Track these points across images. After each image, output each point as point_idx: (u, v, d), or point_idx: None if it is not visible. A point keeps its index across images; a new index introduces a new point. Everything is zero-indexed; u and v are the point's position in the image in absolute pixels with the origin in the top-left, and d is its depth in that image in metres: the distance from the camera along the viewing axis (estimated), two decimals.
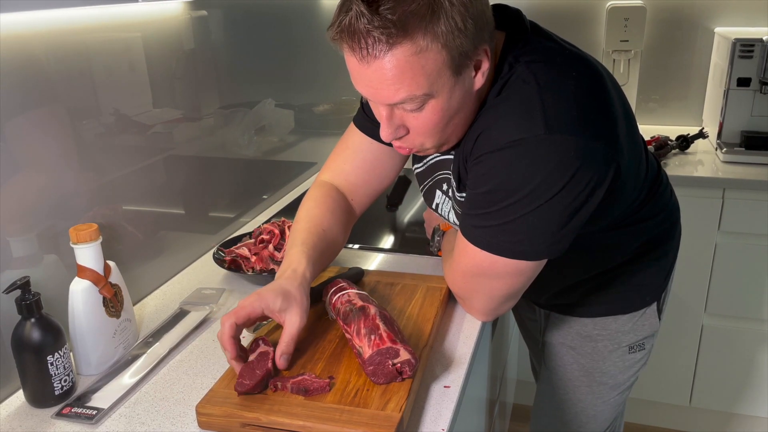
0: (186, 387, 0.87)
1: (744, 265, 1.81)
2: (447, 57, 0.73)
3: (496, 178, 0.80)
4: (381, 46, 0.71)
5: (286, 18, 1.62)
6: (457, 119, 0.82)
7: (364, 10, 0.70)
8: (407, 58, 0.72)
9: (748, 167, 1.80)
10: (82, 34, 0.97)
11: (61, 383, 0.82)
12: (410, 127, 0.82)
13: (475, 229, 0.85)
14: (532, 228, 0.81)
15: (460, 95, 0.79)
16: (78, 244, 0.86)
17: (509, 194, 0.79)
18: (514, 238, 0.82)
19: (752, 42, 1.80)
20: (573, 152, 0.77)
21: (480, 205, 0.83)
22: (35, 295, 0.79)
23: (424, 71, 0.73)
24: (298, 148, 1.75)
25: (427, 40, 0.71)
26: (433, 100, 0.77)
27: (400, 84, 0.74)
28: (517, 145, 0.78)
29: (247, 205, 1.49)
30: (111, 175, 1.05)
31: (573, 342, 1.13)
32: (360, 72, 0.76)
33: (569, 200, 0.79)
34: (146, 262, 1.14)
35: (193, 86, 1.27)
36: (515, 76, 0.81)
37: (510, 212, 0.80)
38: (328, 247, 0.98)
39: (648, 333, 1.11)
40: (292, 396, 0.79)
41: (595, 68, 0.86)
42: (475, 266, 0.88)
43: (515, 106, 0.80)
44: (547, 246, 0.84)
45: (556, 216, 0.80)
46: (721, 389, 1.96)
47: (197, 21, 1.26)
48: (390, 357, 0.80)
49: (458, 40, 0.73)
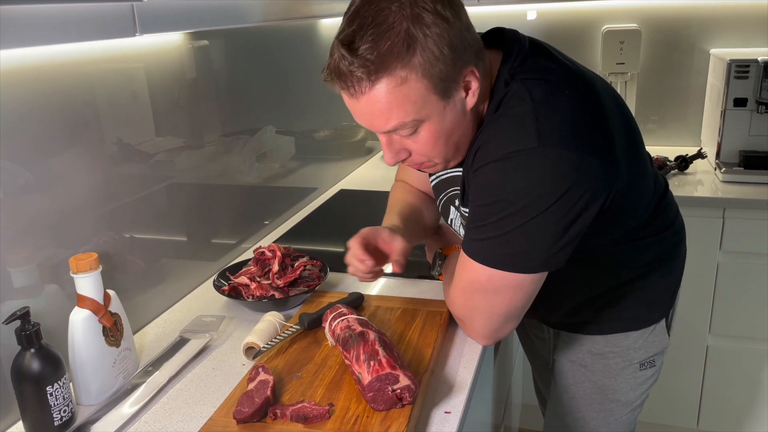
0: (185, 416, 0.86)
1: (747, 285, 1.80)
2: (429, 84, 0.78)
3: (491, 190, 0.83)
4: (364, 83, 0.77)
5: (286, 46, 1.65)
6: (456, 137, 0.86)
7: (345, 53, 0.77)
8: (390, 91, 0.77)
9: (747, 186, 1.80)
10: (86, 65, 0.99)
11: (60, 414, 0.82)
12: (411, 150, 0.87)
13: (474, 242, 0.87)
14: (528, 240, 0.83)
15: (452, 116, 0.83)
16: (78, 273, 0.86)
17: (505, 206, 0.81)
18: (510, 250, 0.84)
19: (747, 62, 1.82)
20: (567, 165, 0.79)
21: (479, 218, 0.86)
22: (35, 326, 0.79)
23: (409, 100, 0.78)
24: (299, 174, 1.76)
25: (406, 71, 0.76)
26: (425, 124, 0.82)
27: (389, 114, 0.80)
28: (511, 158, 0.80)
29: (248, 231, 1.49)
30: (113, 204, 1.06)
31: (584, 360, 1.13)
32: (353, 106, 0.82)
33: (563, 212, 0.81)
34: (147, 291, 1.14)
35: (195, 115, 1.29)
36: (511, 93, 0.84)
37: (506, 224, 0.82)
38: (417, 214, 1.17)
39: (658, 349, 1.12)
40: (291, 424, 0.78)
41: (591, 85, 0.88)
42: (474, 281, 0.89)
43: (510, 121, 0.83)
44: (543, 259, 0.85)
45: (551, 228, 0.82)
46: (728, 411, 1.93)
47: (199, 51, 1.28)
48: (390, 383, 0.80)
49: (437, 67, 0.77)
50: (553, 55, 0.91)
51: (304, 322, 1.01)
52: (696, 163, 1.99)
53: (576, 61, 0.94)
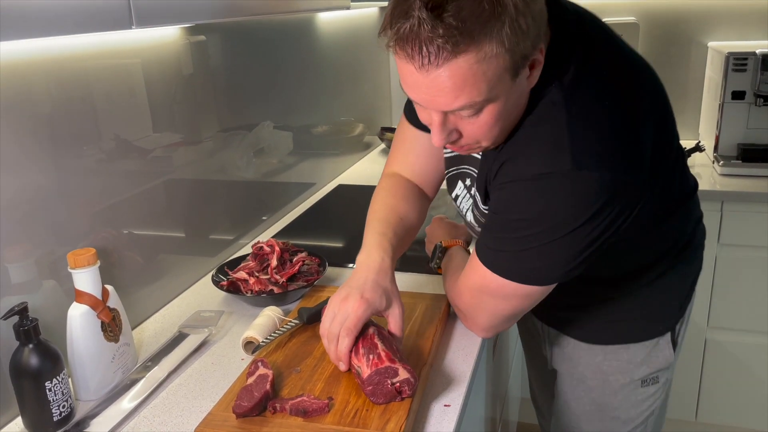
0: (185, 410, 0.86)
1: (745, 278, 1.80)
2: (509, 61, 0.69)
3: (518, 208, 0.79)
4: (445, 54, 0.67)
5: (284, 41, 1.65)
6: (512, 118, 0.79)
7: (427, 17, 0.65)
8: (471, 66, 0.68)
9: (745, 179, 1.80)
10: (83, 61, 0.99)
11: (59, 409, 0.82)
12: (463, 131, 0.78)
13: (489, 251, 0.85)
14: (548, 258, 0.80)
15: (516, 96, 0.75)
16: (76, 268, 0.86)
17: (529, 225, 0.78)
18: (528, 265, 0.81)
19: (745, 55, 1.82)
20: (599, 188, 0.75)
21: (498, 228, 0.83)
22: (33, 321, 0.79)
23: (486, 78, 0.69)
24: (297, 170, 1.76)
25: (493, 45, 0.67)
26: (491, 104, 0.73)
27: (461, 92, 0.70)
28: (542, 179, 0.76)
29: (247, 226, 1.49)
30: (111, 200, 1.05)
31: (583, 373, 1.09)
32: (416, 80, 0.71)
33: (589, 232, 0.77)
34: (146, 286, 1.14)
35: (192, 110, 1.28)
36: (547, 97, 0.78)
37: (528, 241, 0.79)
38: (406, 233, 1.02)
39: (662, 365, 1.06)
40: (290, 418, 0.78)
41: (632, 90, 0.82)
42: (483, 285, 0.87)
43: (543, 136, 0.77)
44: (560, 274, 0.83)
45: (574, 247, 0.79)
46: (726, 403, 1.94)
47: (196, 46, 1.28)
48: (389, 376, 0.80)
49: (522, 43, 0.68)
50: (598, 37, 0.83)
51: (303, 317, 1.01)
52: (694, 156, 1.99)
53: (620, 39, 0.87)
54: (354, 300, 0.85)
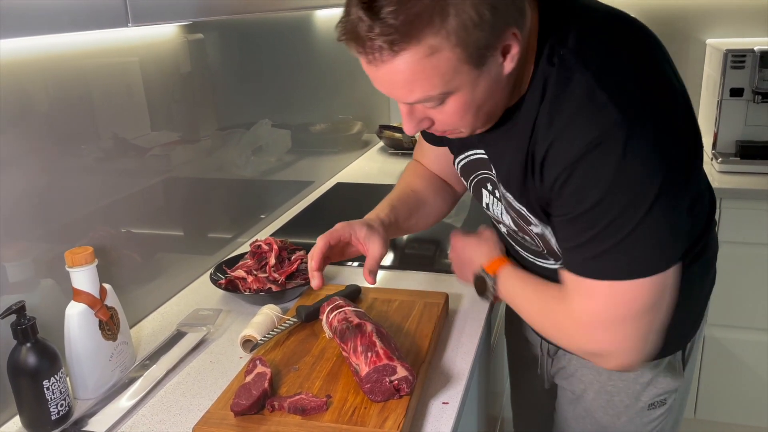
0: (183, 409, 0.86)
1: (744, 275, 1.80)
2: (462, 53, 0.65)
3: (590, 193, 0.70)
4: (386, 52, 0.65)
5: (281, 39, 1.64)
6: (488, 107, 0.74)
7: (364, 16, 0.64)
8: (416, 62, 0.65)
9: (743, 177, 1.80)
10: (80, 59, 0.98)
11: (57, 408, 0.82)
12: (435, 119, 0.75)
13: (593, 262, 0.73)
14: (659, 223, 0.71)
15: (486, 85, 0.70)
16: (73, 267, 0.86)
17: (615, 200, 0.69)
18: (641, 248, 0.71)
19: (743, 52, 1.82)
20: (657, 126, 0.69)
21: (586, 228, 0.72)
22: (30, 320, 0.79)
23: (438, 72, 0.66)
24: (295, 168, 1.76)
25: (437, 40, 0.63)
26: (454, 95, 0.70)
27: (413, 86, 0.68)
28: (599, 143, 0.69)
29: (245, 224, 1.49)
30: (109, 199, 1.05)
31: (586, 392, 1.02)
32: (371, 73, 0.70)
33: (675, 176, 0.70)
34: (144, 285, 1.14)
35: (190, 109, 1.28)
36: (559, 67, 0.72)
37: (626, 220, 0.70)
38: (415, 203, 1.06)
39: (670, 387, 0.98)
40: (289, 416, 0.78)
41: (642, 40, 0.78)
42: (615, 307, 0.74)
43: (577, 102, 0.70)
44: (680, 238, 0.74)
45: (674, 196, 0.71)
46: (725, 400, 1.94)
47: (193, 44, 1.28)
48: (387, 374, 0.80)
49: (474, 35, 0.64)
50: (591, 4, 0.79)
51: (301, 315, 1.01)
52: None
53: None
54: (340, 223, 0.95)
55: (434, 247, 1.37)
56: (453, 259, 1.09)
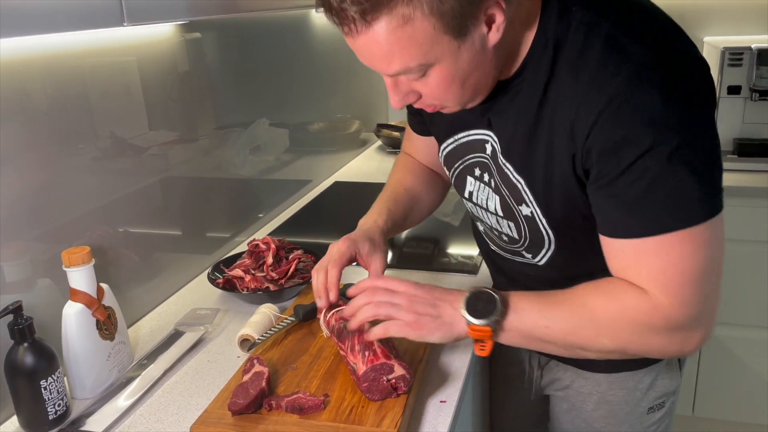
0: (181, 408, 0.86)
1: (742, 273, 1.80)
2: (438, 22, 0.64)
3: (628, 142, 0.66)
4: (360, 23, 0.65)
5: (279, 37, 1.64)
6: (474, 79, 0.72)
7: None
8: (391, 31, 0.64)
9: (741, 174, 1.80)
10: (78, 58, 0.98)
11: (55, 407, 0.82)
12: (421, 93, 0.74)
13: (656, 213, 0.68)
14: (706, 156, 0.68)
15: (469, 56, 0.69)
16: (70, 267, 0.86)
17: (659, 138, 0.66)
18: (690, 189, 0.67)
19: (741, 50, 1.82)
20: (689, 67, 0.68)
21: (637, 178, 0.67)
22: (28, 320, 0.79)
23: (415, 42, 0.65)
24: (293, 167, 1.75)
25: (410, 8, 0.63)
26: (435, 67, 0.69)
27: (391, 57, 0.67)
28: (635, 82, 0.66)
29: (242, 224, 1.49)
30: (106, 198, 1.05)
31: (585, 403, 1.01)
32: (351, 44, 0.70)
33: (708, 108, 0.69)
34: (141, 284, 1.14)
35: (188, 108, 1.28)
36: (574, 22, 0.70)
37: (679, 158, 0.66)
38: (410, 202, 1.05)
39: (668, 389, 0.98)
40: (286, 415, 0.78)
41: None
42: (693, 260, 0.69)
43: (601, 50, 0.68)
44: (721, 173, 0.70)
45: (712, 128, 0.69)
46: (724, 398, 1.95)
47: (191, 43, 1.28)
48: (384, 373, 0.80)
49: (448, 2, 0.63)
50: None
51: (299, 314, 1.01)
52: None
53: None
54: (341, 241, 0.92)
55: (432, 245, 1.37)
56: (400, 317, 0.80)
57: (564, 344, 0.77)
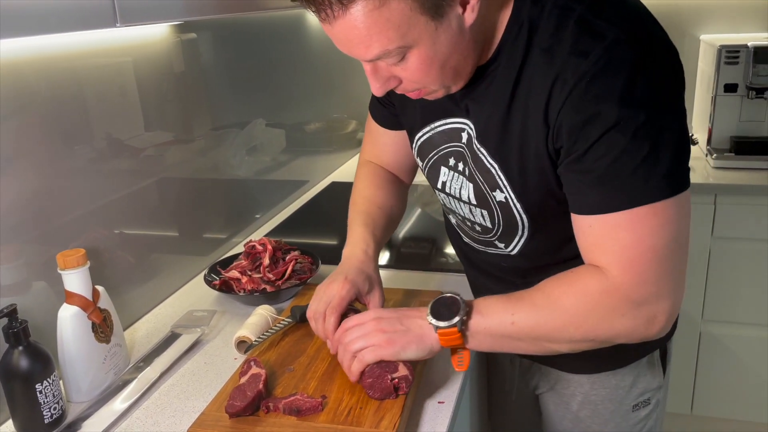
0: (177, 411, 0.86)
1: (739, 270, 1.81)
2: (414, 3, 0.65)
3: (609, 106, 0.67)
4: (335, 7, 0.65)
5: (275, 38, 1.64)
6: (454, 61, 0.72)
7: None
8: (367, 14, 0.65)
9: (738, 172, 1.80)
10: (73, 60, 0.98)
11: (50, 411, 0.81)
12: (401, 77, 0.74)
13: (618, 188, 0.69)
14: (678, 137, 0.69)
15: (447, 37, 0.69)
16: (65, 269, 0.85)
17: (633, 112, 0.67)
18: (670, 158, 0.68)
19: (737, 48, 1.82)
20: (660, 48, 0.70)
21: (604, 153, 0.68)
22: (22, 323, 0.79)
23: (392, 24, 0.66)
24: (290, 167, 1.75)
25: None
26: (414, 50, 0.69)
27: (369, 41, 0.67)
28: (605, 62, 0.67)
29: (239, 225, 1.49)
30: (102, 200, 1.05)
31: (570, 404, 1.02)
32: (328, 32, 0.70)
33: (676, 88, 0.70)
34: (137, 286, 1.13)
35: (183, 108, 1.27)
36: (548, 5, 0.71)
37: (649, 132, 0.67)
38: (387, 221, 1.02)
39: (651, 386, 0.99)
40: (284, 417, 0.78)
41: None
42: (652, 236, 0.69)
43: (575, 32, 0.69)
44: (688, 153, 0.72)
45: (682, 116, 0.71)
46: (722, 396, 1.95)
47: (186, 44, 1.27)
48: (390, 371, 0.79)
49: None
50: None
51: (296, 315, 1.01)
52: None
53: None
54: (338, 282, 0.88)
55: (430, 245, 1.37)
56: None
57: (533, 339, 0.77)
